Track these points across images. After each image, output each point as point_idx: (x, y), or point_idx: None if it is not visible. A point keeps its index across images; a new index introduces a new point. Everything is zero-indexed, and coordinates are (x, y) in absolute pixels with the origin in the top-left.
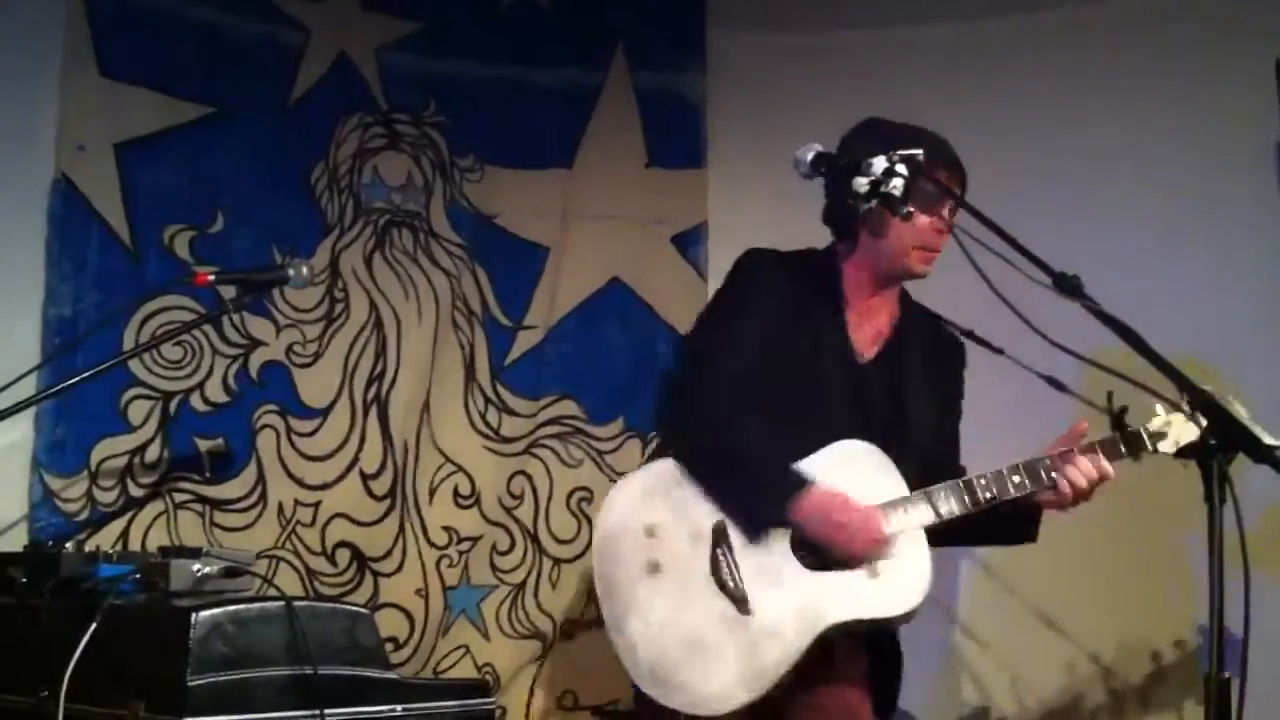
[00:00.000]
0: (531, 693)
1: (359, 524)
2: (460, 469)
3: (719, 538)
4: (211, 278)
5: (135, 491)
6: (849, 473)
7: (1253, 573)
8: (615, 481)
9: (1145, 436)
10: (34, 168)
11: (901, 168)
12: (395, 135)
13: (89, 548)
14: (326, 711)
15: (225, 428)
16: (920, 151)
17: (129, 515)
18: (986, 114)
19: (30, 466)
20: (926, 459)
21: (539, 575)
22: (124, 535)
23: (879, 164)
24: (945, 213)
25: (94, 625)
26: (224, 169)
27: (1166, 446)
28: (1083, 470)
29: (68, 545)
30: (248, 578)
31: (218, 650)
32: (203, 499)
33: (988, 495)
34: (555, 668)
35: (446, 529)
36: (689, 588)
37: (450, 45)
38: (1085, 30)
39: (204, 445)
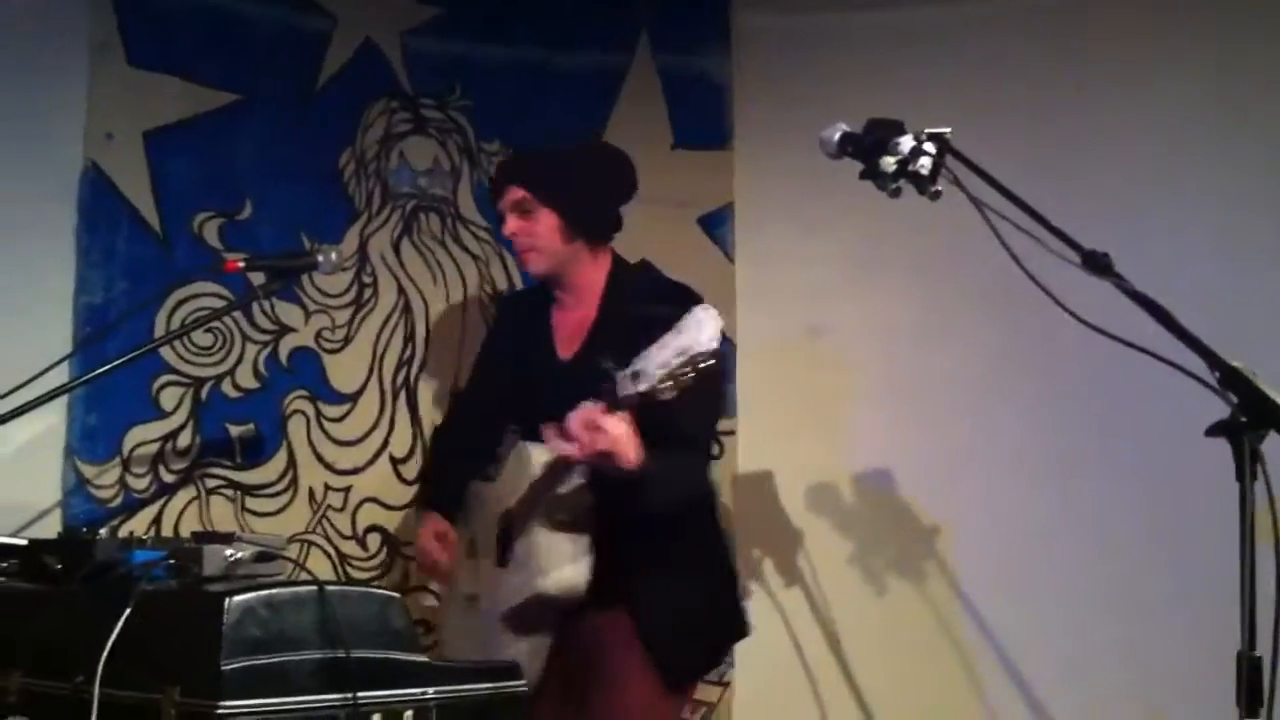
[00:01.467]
0: None
1: (389, 508)
2: None
3: (470, 549)
4: (241, 264)
5: (167, 478)
6: (515, 469)
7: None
8: None
9: (619, 380)
10: (63, 156)
11: (929, 146)
12: (421, 120)
13: (122, 534)
14: (359, 694)
15: (256, 413)
16: (949, 130)
17: (161, 501)
18: (1012, 93)
19: (63, 454)
20: None
21: None
22: (156, 521)
23: (906, 143)
24: (509, 223)
25: (128, 611)
26: (251, 155)
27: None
28: (571, 420)
29: (101, 532)
30: (279, 562)
31: (251, 635)
32: (234, 484)
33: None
34: None
35: None
36: (456, 594)
37: (475, 29)
38: (1108, 8)
39: (235, 431)
